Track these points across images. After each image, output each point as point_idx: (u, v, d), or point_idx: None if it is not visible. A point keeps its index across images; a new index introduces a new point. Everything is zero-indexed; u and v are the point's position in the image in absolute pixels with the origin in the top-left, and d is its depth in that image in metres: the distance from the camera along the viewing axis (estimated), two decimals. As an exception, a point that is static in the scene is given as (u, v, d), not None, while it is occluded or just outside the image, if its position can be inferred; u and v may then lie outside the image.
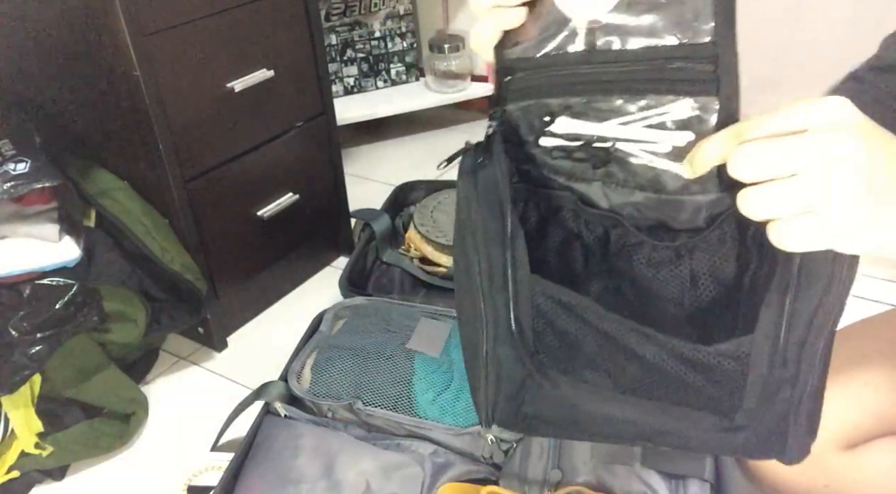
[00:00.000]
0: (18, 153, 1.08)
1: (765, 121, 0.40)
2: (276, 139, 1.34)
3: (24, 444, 1.08)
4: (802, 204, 0.38)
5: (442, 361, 1.03)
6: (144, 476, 1.12)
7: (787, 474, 0.84)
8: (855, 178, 0.37)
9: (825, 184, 0.37)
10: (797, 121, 0.39)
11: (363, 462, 0.91)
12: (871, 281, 1.38)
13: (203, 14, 1.14)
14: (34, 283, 1.05)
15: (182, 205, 1.19)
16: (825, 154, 0.37)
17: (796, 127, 0.39)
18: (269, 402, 1.01)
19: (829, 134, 0.37)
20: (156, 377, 1.31)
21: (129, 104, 1.10)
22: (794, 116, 0.39)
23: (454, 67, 2.03)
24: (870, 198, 0.37)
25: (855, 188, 0.37)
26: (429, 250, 1.34)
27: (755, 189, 0.38)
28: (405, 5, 2.07)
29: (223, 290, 1.33)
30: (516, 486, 0.90)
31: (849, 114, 0.38)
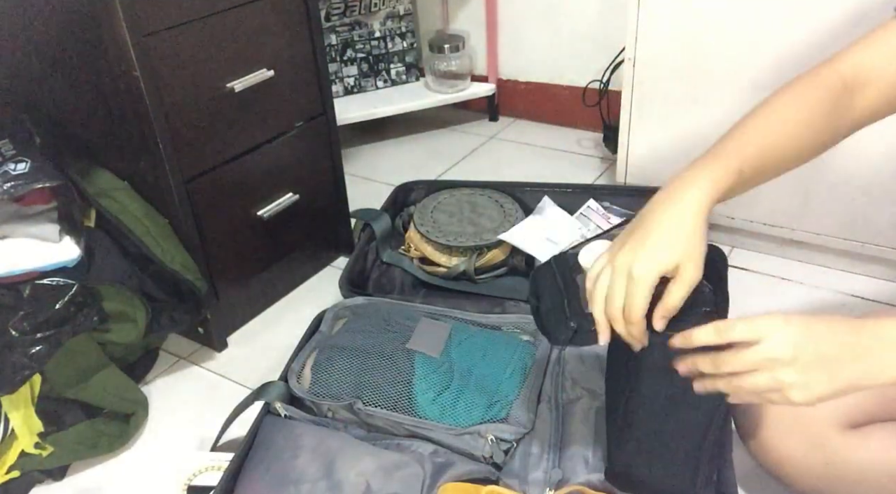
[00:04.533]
0: (18, 153, 1.08)
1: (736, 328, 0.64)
2: (276, 139, 1.34)
3: (24, 444, 1.08)
4: (772, 385, 0.62)
5: (442, 361, 1.03)
6: (144, 476, 1.12)
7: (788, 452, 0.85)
8: (791, 371, 0.62)
9: (780, 375, 0.62)
10: (753, 334, 0.63)
11: (363, 462, 0.91)
12: (871, 282, 1.38)
13: (203, 14, 1.14)
14: (34, 283, 1.05)
15: (182, 205, 1.19)
16: (773, 363, 0.62)
17: (752, 337, 0.63)
18: (269, 402, 1.01)
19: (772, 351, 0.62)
20: (156, 377, 1.31)
21: (129, 104, 1.10)
22: (751, 329, 0.63)
23: (454, 67, 2.03)
24: (802, 376, 0.62)
25: (791, 375, 0.62)
26: (429, 250, 1.34)
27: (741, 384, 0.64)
28: (405, 5, 2.07)
29: (223, 290, 1.33)
30: (516, 486, 0.90)
31: (783, 331, 0.63)
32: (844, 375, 0.61)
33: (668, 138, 1.46)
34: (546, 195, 1.42)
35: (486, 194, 1.44)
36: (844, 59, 0.76)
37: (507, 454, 0.94)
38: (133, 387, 1.20)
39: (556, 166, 1.92)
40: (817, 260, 1.44)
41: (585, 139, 2.04)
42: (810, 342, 0.62)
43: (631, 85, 1.45)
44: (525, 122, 2.18)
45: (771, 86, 1.30)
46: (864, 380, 0.62)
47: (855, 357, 0.62)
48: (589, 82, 1.93)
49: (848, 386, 0.62)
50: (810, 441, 0.84)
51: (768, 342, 0.62)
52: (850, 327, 0.63)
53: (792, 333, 0.62)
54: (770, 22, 1.25)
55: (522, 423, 0.95)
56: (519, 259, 1.32)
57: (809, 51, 1.23)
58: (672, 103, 1.42)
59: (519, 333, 1.11)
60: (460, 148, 2.06)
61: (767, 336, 0.62)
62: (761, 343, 0.62)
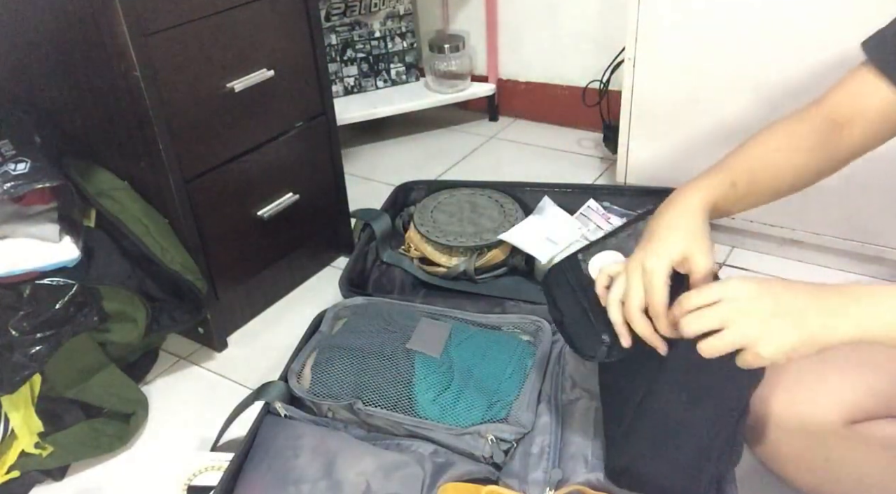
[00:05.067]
0: (18, 153, 1.08)
1: (694, 296, 0.67)
2: (276, 139, 1.34)
3: (24, 444, 1.08)
4: (738, 339, 0.64)
5: (442, 361, 1.02)
6: (144, 476, 1.12)
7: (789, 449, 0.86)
8: (754, 321, 0.64)
9: (742, 327, 0.64)
10: (714, 295, 0.66)
11: (363, 462, 0.91)
12: (872, 281, 1.38)
13: (203, 14, 1.14)
14: (34, 283, 1.05)
15: (182, 205, 1.19)
16: (735, 313, 0.65)
17: (714, 298, 0.66)
18: (269, 402, 1.01)
19: (733, 302, 0.65)
20: (156, 377, 1.31)
21: (129, 104, 1.10)
22: (711, 292, 0.66)
23: (454, 67, 2.03)
24: (765, 326, 0.64)
25: (754, 326, 0.64)
26: (429, 250, 1.34)
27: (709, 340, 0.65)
28: (405, 5, 2.07)
29: (223, 290, 1.33)
30: (516, 486, 0.90)
31: (740, 287, 0.66)
32: (806, 327, 0.63)
33: (668, 138, 1.46)
34: (546, 195, 1.42)
35: (486, 194, 1.44)
36: (827, 99, 0.82)
37: (507, 454, 0.94)
38: (133, 387, 1.20)
39: (556, 166, 1.92)
40: (817, 260, 1.44)
41: (585, 139, 2.04)
42: (768, 295, 0.65)
43: (631, 85, 1.45)
44: (525, 122, 2.18)
45: (771, 85, 1.31)
46: (823, 334, 0.63)
47: (817, 310, 0.63)
48: (589, 82, 1.93)
49: (810, 338, 0.63)
50: (811, 439, 0.84)
51: (727, 294, 0.65)
52: (810, 286, 0.65)
53: (749, 288, 0.65)
54: (770, 21, 1.25)
55: (522, 423, 0.95)
56: (519, 259, 1.32)
57: (810, 50, 1.23)
58: (672, 103, 1.42)
59: (519, 333, 1.11)
60: (460, 148, 2.06)
61: (727, 291, 0.66)
62: (723, 298, 0.66)
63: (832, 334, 0.63)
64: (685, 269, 0.72)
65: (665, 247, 0.72)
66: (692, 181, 0.79)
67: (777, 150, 0.82)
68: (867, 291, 0.64)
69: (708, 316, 0.65)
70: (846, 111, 0.81)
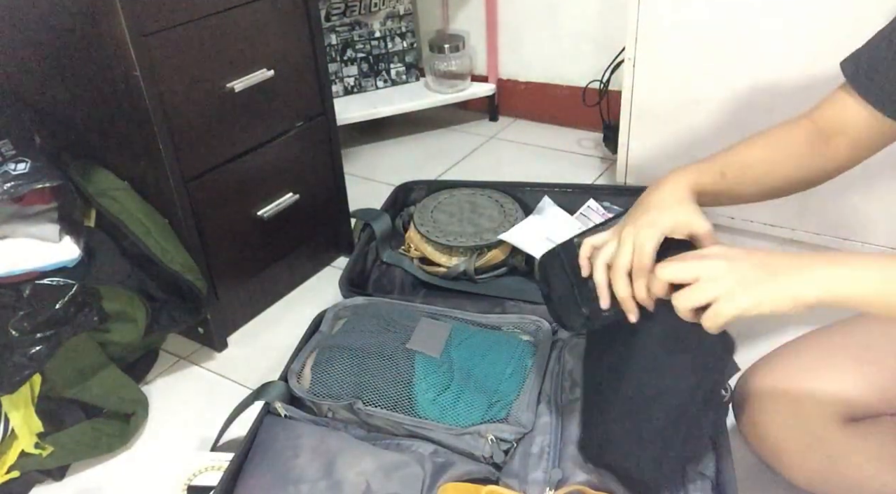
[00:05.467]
0: (18, 153, 1.08)
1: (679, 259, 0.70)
2: (276, 139, 1.34)
3: (24, 444, 1.08)
4: (708, 294, 0.66)
5: (442, 361, 1.02)
6: (144, 476, 1.12)
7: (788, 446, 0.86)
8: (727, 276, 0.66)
9: (714, 281, 0.66)
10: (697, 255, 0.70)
11: (363, 462, 0.91)
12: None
13: (203, 14, 1.14)
14: (34, 283, 1.05)
15: (182, 205, 1.19)
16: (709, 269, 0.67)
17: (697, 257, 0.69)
18: (269, 402, 1.01)
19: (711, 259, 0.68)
20: (156, 377, 1.31)
21: (129, 104, 1.10)
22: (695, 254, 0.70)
23: (454, 67, 2.03)
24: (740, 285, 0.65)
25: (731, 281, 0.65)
26: (429, 250, 1.34)
27: (681, 292, 0.67)
28: (405, 5, 2.07)
29: (223, 290, 1.33)
30: (516, 486, 0.90)
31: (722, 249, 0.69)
32: (757, 291, 0.65)
33: (668, 138, 1.46)
34: (546, 195, 1.42)
35: (486, 194, 1.44)
36: (817, 111, 0.85)
37: (507, 454, 0.94)
38: (133, 387, 1.20)
39: (556, 166, 1.92)
40: (817, 260, 1.44)
41: (585, 139, 2.04)
42: (746, 258, 0.67)
43: (631, 85, 1.45)
44: (525, 122, 2.18)
45: (770, 85, 1.31)
46: (770, 299, 0.65)
47: (787, 268, 0.66)
48: (589, 82, 1.93)
49: (759, 301, 0.65)
50: (810, 435, 0.84)
51: (708, 253, 0.70)
52: (790, 254, 0.67)
53: (729, 251, 0.68)
54: (770, 21, 1.25)
55: (522, 423, 0.95)
56: (519, 259, 1.32)
57: (809, 50, 1.23)
58: (672, 103, 1.42)
59: (519, 333, 1.11)
60: (460, 148, 2.06)
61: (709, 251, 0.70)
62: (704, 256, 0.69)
63: (777, 300, 0.64)
64: (685, 234, 0.76)
65: (658, 217, 0.76)
66: (682, 166, 0.83)
67: (770, 151, 0.85)
68: (841, 254, 0.66)
69: (683, 268, 0.68)
70: (832, 125, 0.84)
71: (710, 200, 0.83)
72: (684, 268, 0.68)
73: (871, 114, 0.80)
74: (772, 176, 0.85)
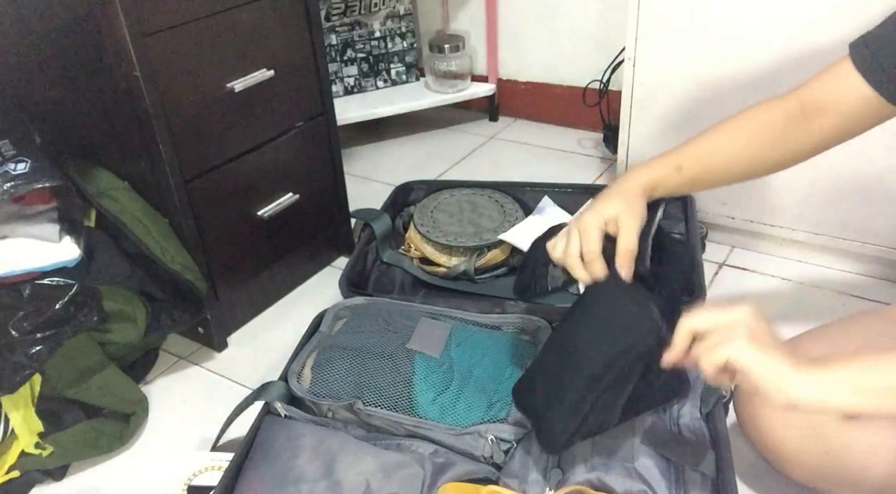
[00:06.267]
0: (18, 153, 1.08)
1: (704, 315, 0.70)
2: (276, 139, 1.34)
3: (24, 444, 1.08)
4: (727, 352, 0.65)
5: (442, 361, 1.03)
6: (144, 476, 1.12)
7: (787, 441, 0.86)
8: (747, 351, 0.65)
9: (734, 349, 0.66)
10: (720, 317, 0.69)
11: (363, 462, 0.91)
12: (871, 281, 1.38)
13: (203, 14, 1.14)
14: (34, 283, 1.05)
15: (182, 205, 1.19)
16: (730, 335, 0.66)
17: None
18: (269, 402, 1.01)
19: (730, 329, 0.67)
20: (156, 377, 1.31)
21: (129, 104, 1.10)
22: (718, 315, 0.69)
23: (454, 67, 2.03)
24: (759, 350, 0.65)
25: (748, 350, 0.65)
26: (429, 250, 1.34)
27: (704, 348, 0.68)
28: (405, 5, 2.07)
29: (223, 290, 1.33)
30: (516, 486, 0.90)
31: (740, 317, 0.67)
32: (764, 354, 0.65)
33: (668, 138, 1.46)
34: (546, 195, 1.42)
35: (486, 194, 1.44)
36: (806, 87, 0.85)
37: (507, 454, 0.94)
38: (133, 387, 1.20)
39: (556, 166, 1.92)
40: (817, 261, 1.44)
41: (585, 139, 2.04)
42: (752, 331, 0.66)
43: (631, 85, 1.45)
44: (525, 122, 2.18)
45: (770, 85, 1.31)
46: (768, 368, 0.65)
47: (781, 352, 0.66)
48: (589, 82, 1.93)
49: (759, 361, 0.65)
50: (809, 431, 0.84)
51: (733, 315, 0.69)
52: (789, 354, 0.66)
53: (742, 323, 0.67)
54: (770, 21, 1.25)
55: (522, 423, 0.95)
56: (519, 259, 1.32)
57: (809, 50, 1.23)
58: (672, 103, 1.42)
59: (519, 333, 1.11)
60: (460, 148, 2.06)
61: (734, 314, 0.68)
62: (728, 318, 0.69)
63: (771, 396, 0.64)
64: (614, 230, 0.82)
65: (600, 209, 0.83)
66: (643, 163, 0.89)
67: (735, 138, 0.87)
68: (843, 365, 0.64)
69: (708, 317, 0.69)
70: (820, 102, 0.83)
71: (666, 192, 0.88)
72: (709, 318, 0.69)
73: (869, 96, 0.80)
74: (736, 165, 0.88)
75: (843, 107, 0.82)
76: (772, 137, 0.86)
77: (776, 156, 0.87)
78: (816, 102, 0.83)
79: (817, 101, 0.83)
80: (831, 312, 1.32)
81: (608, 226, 0.82)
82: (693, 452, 0.90)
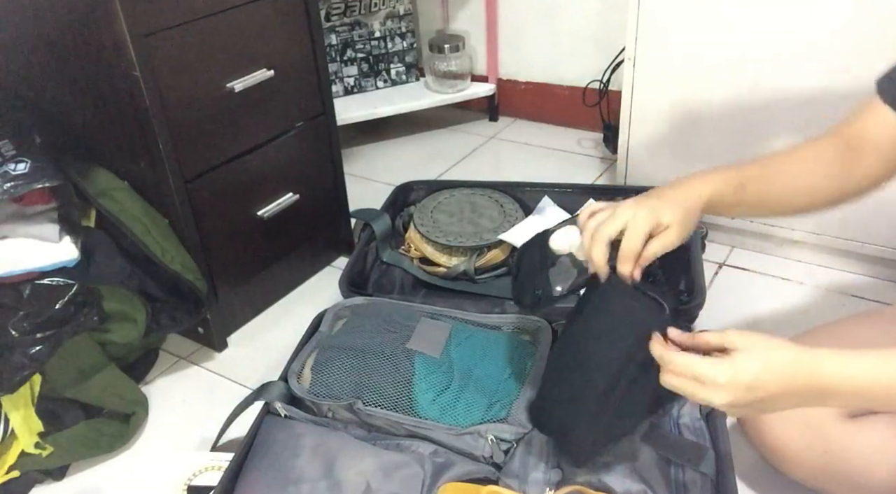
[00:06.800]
0: (18, 153, 1.08)
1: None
2: (276, 139, 1.34)
3: (24, 444, 1.08)
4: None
5: (442, 361, 1.03)
6: (144, 476, 1.12)
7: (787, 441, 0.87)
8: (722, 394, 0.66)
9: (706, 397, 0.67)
10: None
11: (363, 462, 0.91)
12: (871, 281, 1.38)
13: (203, 14, 1.14)
14: (34, 283, 1.05)
15: (182, 205, 1.19)
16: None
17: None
18: (269, 402, 1.01)
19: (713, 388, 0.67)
20: (156, 377, 1.31)
21: (129, 104, 1.10)
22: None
23: (454, 67, 2.03)
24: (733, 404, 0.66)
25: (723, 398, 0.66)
26: (429, 250, 1.34)
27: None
28: (405, 5, 2.07)
29: (223, 290, 1.33)
30: (516, 486, 0.90)
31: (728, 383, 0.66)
32: (785, 406, 0.67)
33: (668, 138, 1.46)
34: (546, 195, 1.42)
35: (486, 194, 1.44)
36: (845, 124, 0.85)
37: (507, 454, 0.94)
38: (133, 387, 1.20)
39: (556, 166, 1.92)
40: (817, 260, 1.44)
41: (585, 139, 2.04)
42: (749, 396, 0.66)
43: (631, 85, 1.45)
44: (525, 122, 2.18)
45: (770, 84, 1.31)
46: (809, 405, 0.68)
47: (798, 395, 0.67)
48: (589, 82, 1.93)
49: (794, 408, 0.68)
50: (809, 431, 0.85)
51: (706, 392, 0.67)
52: (788, 371, 0.66)
53: (732, 388, 0.66)
54: (770, 21, 1.25)
55: (522, 423, 0.95)
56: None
57: (809, 50, 1.23)
58: (672, 103, 1.42)
59: (519, 333, 1.11)
60: (460, 148, 2.06)
61: (709, 384, 0.67)
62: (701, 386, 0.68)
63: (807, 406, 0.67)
64: (658, 233, 0.79)
65: (658, 211, 0.79)
66: (706, 171, 0.85)
67: (796, 166, 0.85)
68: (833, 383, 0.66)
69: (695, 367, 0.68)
70: (858, 139, 0.83)
71: (722, 209, 0.84)
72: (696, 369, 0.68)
73: None
74: (795, 194, 0.85)
75: (880, 143, 0.82)
76: (828, 169, 0.84)
77: (831, 191, 0.86)
78: (855, 140, 0.84)
79: (856, 139, 0.83)
80: (831, 312, 1.32)
81: (654, 231, 0.79)
82: (693, 452, 0.90)
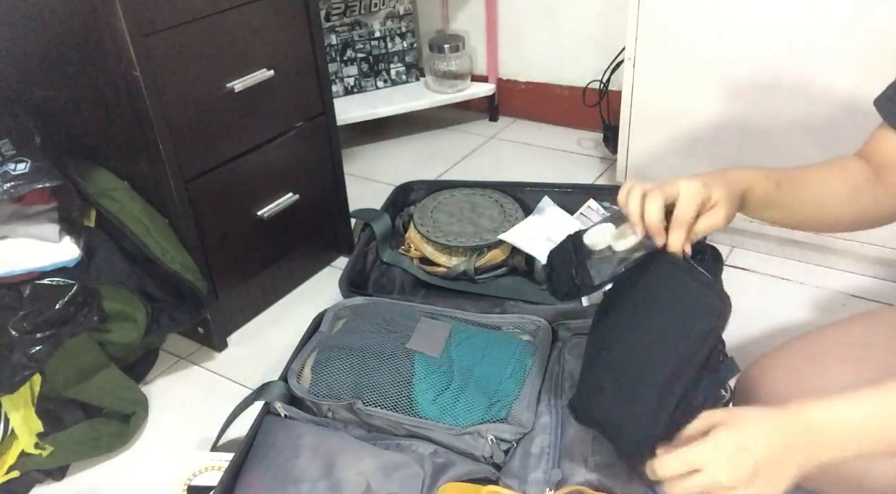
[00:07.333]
0: (18, 153, 1.08)
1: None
2: (276, 139, 1.34)
3: (24, 444, 1.08)
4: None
5: (442, 361, 1.03)
6: (144, 476, 1.12)
7: None
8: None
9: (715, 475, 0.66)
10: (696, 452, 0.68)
11: (363, 462, 0.91)
12: (871, 281, 1.38)
13: (203, 14, 1.14)
14: (34, 283, 1.05)
15: (182, 205, 1.19)
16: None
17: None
18: (269, 402, 1.01)
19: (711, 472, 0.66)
20: (156, 377, 1.31)
21: (129, 104, 1.10)
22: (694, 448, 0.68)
23: (454, 67, 2.03)
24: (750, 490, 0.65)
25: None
26: (429, 250, 1.34)
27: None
28: (405, 5, 2.07)
29: (223, 290, 1.33)
30: (516, 486, 0.90)
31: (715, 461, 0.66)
32: (788, 471, 0.65)
33: (668, 138, 1.46)
34: (546, 195, 1.42)
35: (486, 194, 1.44)
36: (863, 149, 0.86)
37: (507, 454, 0.94)
38: (133, 387, 1.20)
39: (556, 166, 1.92)
40: (817, 260, 1.44)
41: (585, 139, 2.04)
42: (746, 459, 0.65)
43: (631, 85, 1.45)
44: (525, 122, 2.18)
45: (771, 84, 1.31)
46: (808, 464, 0.66)
47: (792, 452, 0.66)
48: (589, 82, 1.93)
49: (797, 475, 0.65)
50: None
51: (707, 475, 0.65)
52: (774, 425, 0.66)
53: (725, 458, 0.65)
54: (769, 21, 1.25)
55: (522, 423, 0.95)
56: (519, 259, 1.32)
57: (809, 50, 1.23)
58: (671, 103, 1.42)
59: (519, 333, 1.11)
60: (460, 148, 2.06)
61: (704, 467, 0.66)
62: (701, 473, 0.66)
63: (816, 461, 0.66)
64: (706, 212, 0.76)
65: (712, 186, 0.77)
66: (745, 167, 0.84)
67: (826, 174, 0.85)
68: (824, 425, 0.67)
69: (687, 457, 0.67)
70: (876, 163, 0.84)
71: (759, 208, 0.83)
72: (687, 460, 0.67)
73: None
74: (823, 205, 0.85)
75: (894, 163, 0.82)
76: (857, 185, 0.84)
77: (860, 206, 0.85)
78: (876, 163, 0.84)
79: (877, 163, 0.84)
80: (831, 312, 1.32)
81: (703, 207, 0.77)
82: None
